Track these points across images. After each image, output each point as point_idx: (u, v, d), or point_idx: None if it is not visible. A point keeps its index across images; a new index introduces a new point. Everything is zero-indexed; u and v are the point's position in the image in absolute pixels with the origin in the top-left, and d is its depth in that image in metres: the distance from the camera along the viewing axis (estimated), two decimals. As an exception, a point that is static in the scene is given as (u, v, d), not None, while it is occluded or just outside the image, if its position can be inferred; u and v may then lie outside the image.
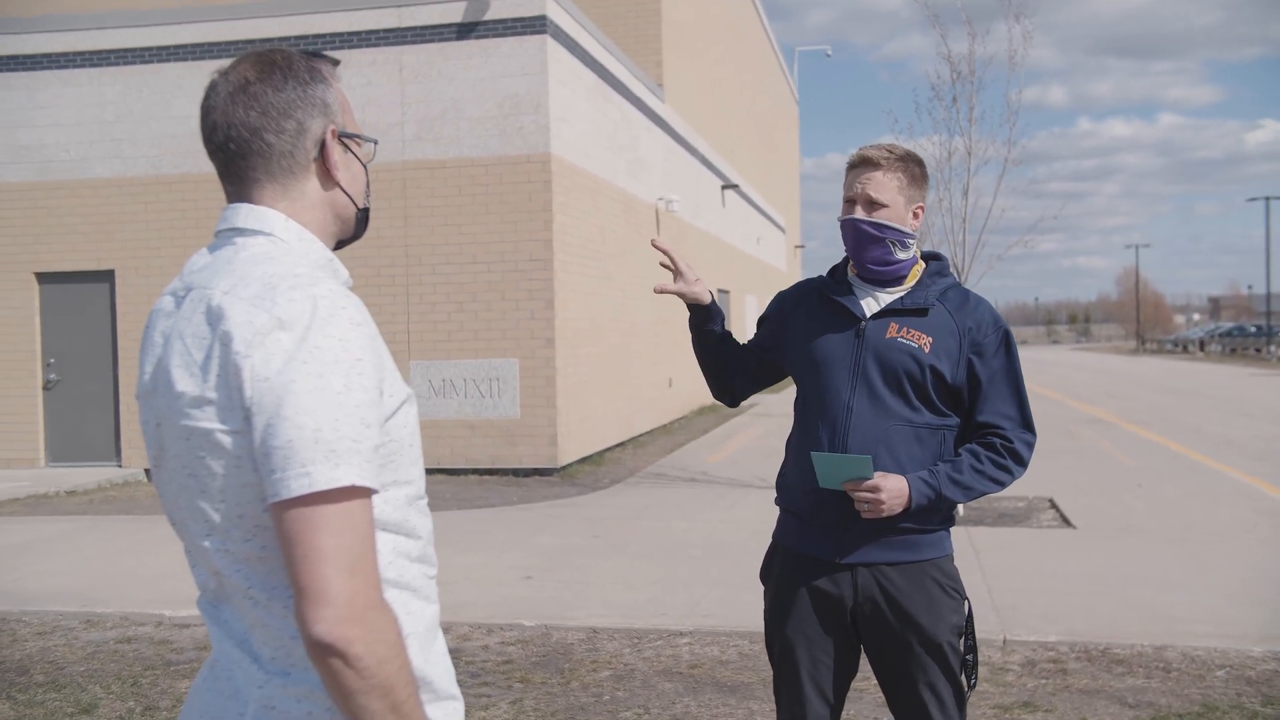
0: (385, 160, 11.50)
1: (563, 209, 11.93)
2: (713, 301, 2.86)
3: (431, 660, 1.48)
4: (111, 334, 12.58)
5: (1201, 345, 58.38)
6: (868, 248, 2.65)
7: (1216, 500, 9.38)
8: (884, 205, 2.64)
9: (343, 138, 1.55)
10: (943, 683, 2.58)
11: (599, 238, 13.41)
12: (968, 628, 2.63)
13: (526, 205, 11.65)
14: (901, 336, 2.62)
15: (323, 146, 1.52)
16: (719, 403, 22.62)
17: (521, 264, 11.68)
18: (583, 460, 12.55)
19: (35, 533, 8.73)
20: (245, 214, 1.49)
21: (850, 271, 2.78)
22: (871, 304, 2.70)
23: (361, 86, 11.64)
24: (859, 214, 2.65)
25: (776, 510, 2.78)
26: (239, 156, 1.49)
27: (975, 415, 2.64)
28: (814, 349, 2.70)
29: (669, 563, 7.26)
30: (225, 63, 1.57)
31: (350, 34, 11.83)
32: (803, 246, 44.51)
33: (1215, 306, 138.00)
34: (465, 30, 11.73)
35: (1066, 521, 8.41)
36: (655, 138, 16.84)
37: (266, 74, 1.49)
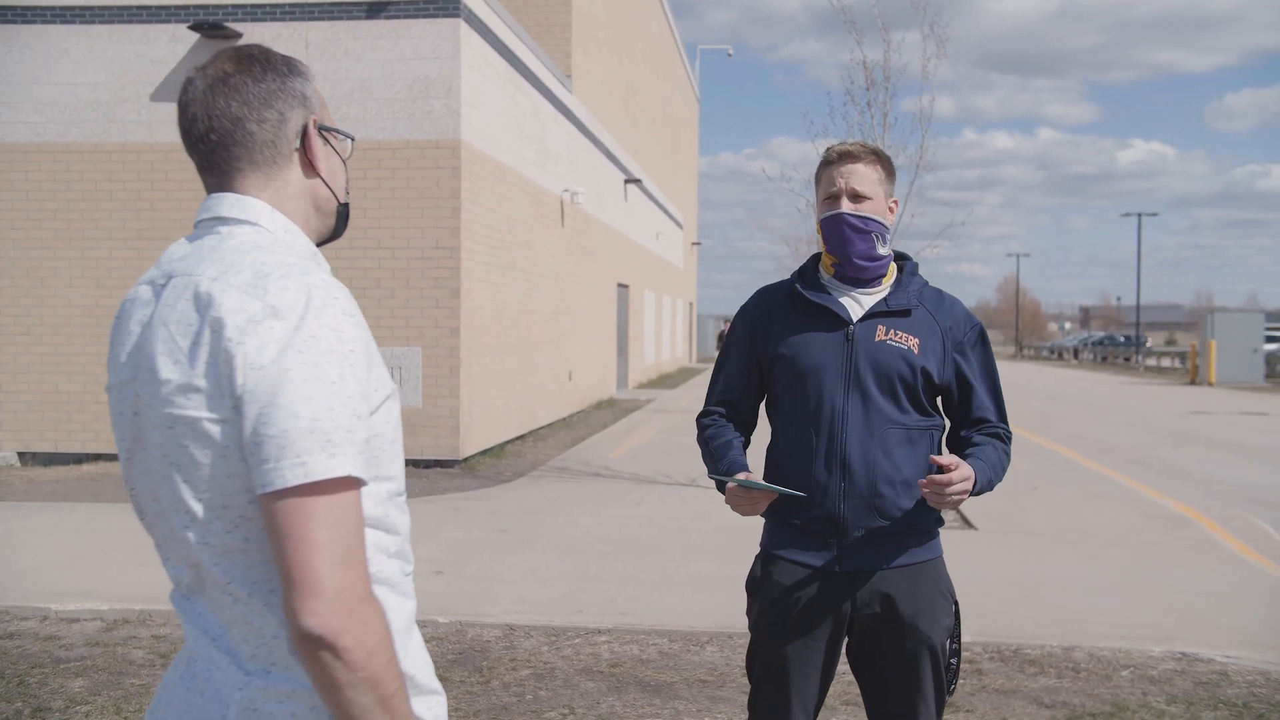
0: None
1: (471, 196, 11.71)
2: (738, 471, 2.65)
3: (411, 655, 1.48)
4: (-15, 309, 11.87)
5: (1076, 353, 60.75)
6: (854, 242, 2.59)
7: (1106, 504, 9.71)
8: (868, 198, 2.60)
9: (322, 131, 1.57)
10: (930, 686, 2.56)
11: (505, 227, 13.21)
12: (955, 630, 2.61)
13: (434, 191, 11.40)
14: (891, 339, 2.59)
15: (304, 137, 1.54)
16: (617, 398, 22.44)
17: (427, 251, 11.43)
18: (484, 452, 12.36)
19: (-100, 519, 8.17)
20: (230, 203, 1.49)
21: (826, 272, 2.71)
22: (853, 305, 2.64)
23: (264, 61, 11.20)
24: (845, 208, 2.59)
25: (684, 506, 2.71)
26: (220, 147, 1.49)
27: (970, 412, 2.67)
28: (801, 355, 2.61)
29: (579, 558, 7.17)
30: (197, 52, 1.44)
31: (254, 6, 11.39)
32: (699, 243, 44.87)
33: (1086, 316, 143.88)
34: (375, 9, 11.41)
35: (968, 523, 8.59)
36: (563, 129, 16.69)
37: (245, 66, 1.50)
